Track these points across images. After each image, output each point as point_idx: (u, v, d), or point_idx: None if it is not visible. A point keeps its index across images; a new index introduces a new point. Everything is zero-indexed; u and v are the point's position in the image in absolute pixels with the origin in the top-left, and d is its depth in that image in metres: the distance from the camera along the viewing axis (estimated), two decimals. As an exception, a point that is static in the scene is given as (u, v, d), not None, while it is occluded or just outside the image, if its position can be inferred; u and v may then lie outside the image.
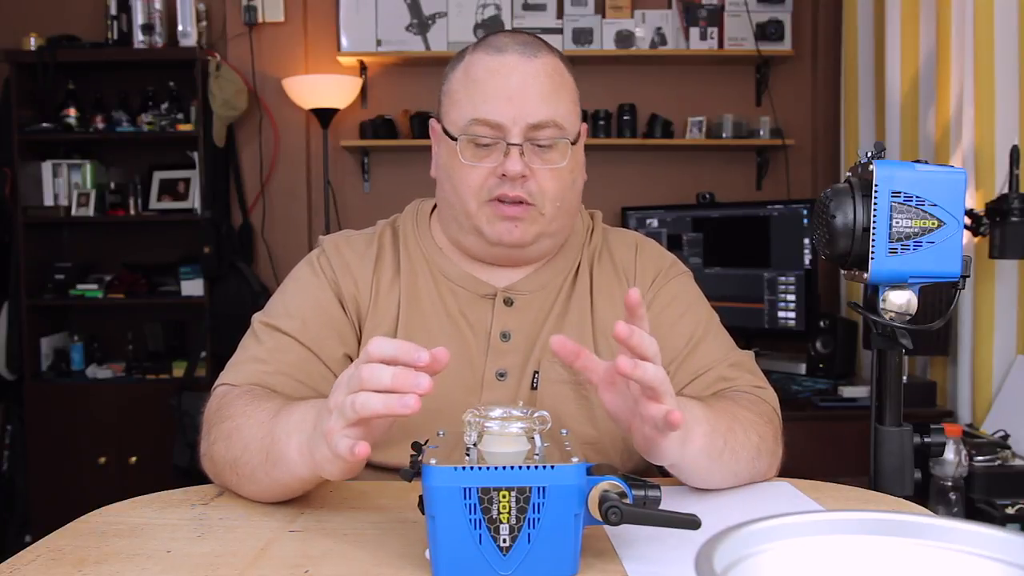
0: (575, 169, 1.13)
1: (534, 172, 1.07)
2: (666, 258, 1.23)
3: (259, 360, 1.08)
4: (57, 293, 3.28)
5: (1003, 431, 2.12)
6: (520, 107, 1.06)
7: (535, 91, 1.07)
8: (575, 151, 1.12)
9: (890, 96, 2.71)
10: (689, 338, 1.15)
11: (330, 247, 1.18)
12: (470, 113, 1.07)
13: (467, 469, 0.72)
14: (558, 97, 1.09)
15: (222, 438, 0.97)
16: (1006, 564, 0.55)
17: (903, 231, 1.00)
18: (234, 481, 0.97)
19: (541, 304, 1.15)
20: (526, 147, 1.07)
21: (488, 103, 1.07)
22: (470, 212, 1.10)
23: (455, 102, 1.10)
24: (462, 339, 1.12)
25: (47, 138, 3.26)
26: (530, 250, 1.13)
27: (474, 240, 1.13)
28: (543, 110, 1.07)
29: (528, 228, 1.09)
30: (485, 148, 1.08)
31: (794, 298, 2.89)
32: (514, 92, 1.06)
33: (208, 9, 3.38)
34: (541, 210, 1.09)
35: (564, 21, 3.32)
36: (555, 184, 1.09)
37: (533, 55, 1.08)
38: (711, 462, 0.95)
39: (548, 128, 1.07)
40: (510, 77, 1.07)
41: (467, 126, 1.08)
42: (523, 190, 1.07)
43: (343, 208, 3.45)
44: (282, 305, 1.14)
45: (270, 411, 0.94)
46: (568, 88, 1.12)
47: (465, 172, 1.08)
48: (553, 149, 1.09)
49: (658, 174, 3.47)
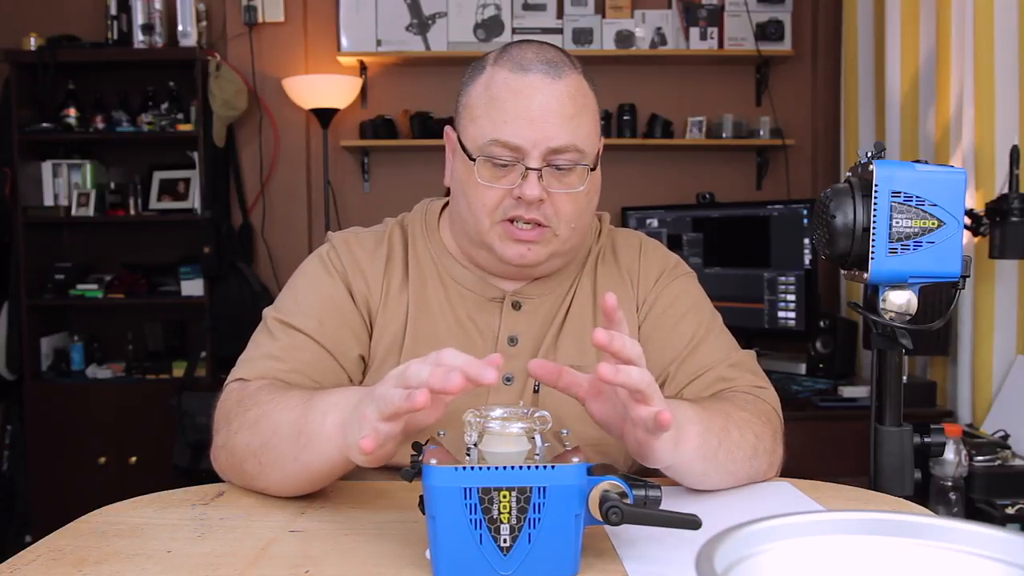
0: (592, 192, 1.11)
1: (551, 196, 1.06)
2: (670, 259, 1.23)
3: (274, 357, 1.07)
4: (57, 293, 3.28)
5: (1003, 431, 2.12)
6: (541, 131, 1.04)
7: (557, 115, 1.04)
8: (594, 177, 1.11)
9: (890, 96, 2.71)
10: (690, 339, 1.14)
11: (340, 243, 1.17)
12: (490, 133, 1.05)
13: (467, 469, 0.72)
14: (580, 120, 1.06)
15: (247, 426, 0.96)
16: (1006, 564, 0.55)
17: (903, 231, 1.00)
18: (255, 471, 0.95)
19: (548, 307, 1.15)
20: (545, 170, 1.05)
21: (509, 124, 1.04)
22: (482, 230, 1.09)
23: (474, 118, 1.08)
24: (470, 343, 1.12)
25: (47, 138, 3.26)
26: (541, 269, 1.13)
27: (485, 255, 1.12)
28: (564, 135, 1.04)
29: (541, 250, 1.09)
30: (503, 168, 1.06)
31: (794, 298, 2.89)
32: (536, 115, 1.04)
33: (208, 9, 3.38)
34: (556, 231, 1.08)
35: (564, 21, 3.32)
36: (571, 207, 1.08)
37: (557, 76, 1.05)
38: (706, 462, 0.95)
39: (569, 152, 1.05)
40: (532, 99, 1.04)
41: (486, 146, 1.05)
42: (539, 213, 1.06)
43: (343, 208, 3.45)
44: (295, 302, 1.13)
45: (302, 396, 0.93)
46: (590, 109, 1.09)
47: (481, 191, 1.07)
48: (572, 173, 1.07)
49: (658, 174, 3.47)
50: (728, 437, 0.97)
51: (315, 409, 0.89)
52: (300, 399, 0.93)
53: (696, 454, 0.93)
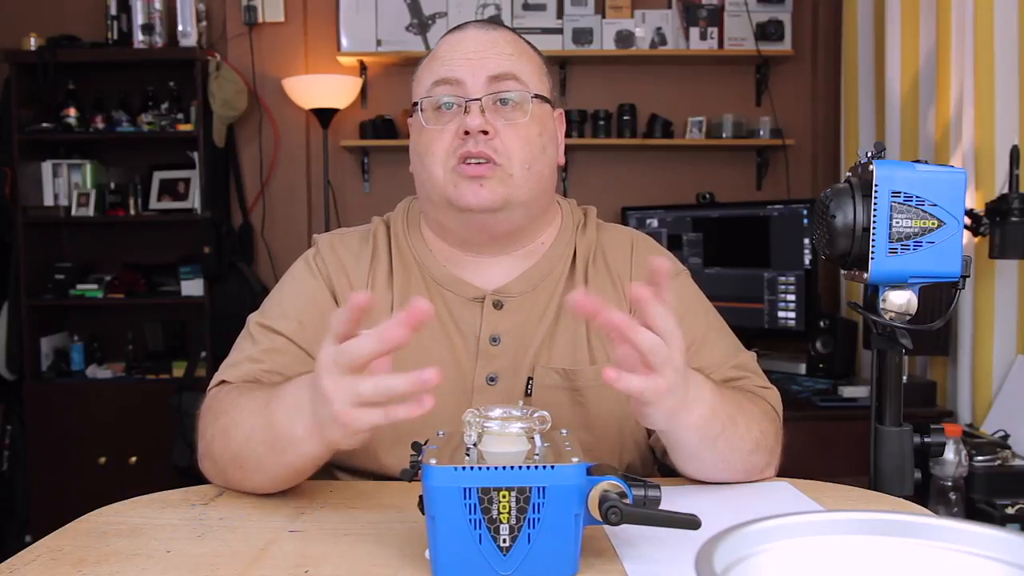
0: (544, 134, 1.11)
1: (498, 130, 1.07)
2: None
3: (254, 360, 1.08)
4: (57, 293, 3.28)
5: (1003, 431, 2.12)
6: (479, 63, 1.08)
7: (494, 51, 1.09)
8: (543, 114, 1.11)
9: (890, 96, 2.71)
10: (689, 343, 1.13)
11: (325, 246, 1.17)
12: (430, 79, 1.10)
13: (467, 469, 0.72)
14: (518, 59, 1.11)
15: (219, 435, 0.97)
16: (1006, 564, 0.55)
17: (903, 231, 1.00)
18: (239, 476, 0.96)
19: (532, 306, 1.13)
20: (487, 104, 1.07)
21: (446, 64, 1.09)
22: (438, 181, 1.08)
23: (419, 81, 1.14)
24: (451, 343, 1.11)
25: (47, 138, 3.26)
26: (501, 218, 1.09)
27: (448, 215, 1.11)
28: (503, 64, 1.08)
29: (496, 188, 1.06)
30: (448, 112, 1.08)
31: (794, 298, 2.89)
32: (472, 54, 1.09)
33: (208, 9, 3.39)
34: (509, 171, 1.07)
35: (564, 21, 3.32)
36: (522, 144, 1.08)
37: (493, 28, 1.12)
38: (701, 443, 0.95)
39: (508, 80, 1.08)
40: (468, 44, 1.10)
41: (428, 90, 1.09)
42: (487, 147, 1.06)
43: (343, 208, 3.45)
44: (278, 305, 1.14)
45: (261, 401, 0.93)
46: (529, 55, 1.13)
47: (430, 139, 1.09)
48: (517, 108, 1.08)
49: (658, 174, 3.47)
50: (734, 427, 0.97)
51: (279, 416, 0.88)
52: (260, 403, 0.93)
53: (693, 432, 0.93)
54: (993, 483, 1.96)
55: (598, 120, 3.32)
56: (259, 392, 0.97)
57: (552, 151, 1.14)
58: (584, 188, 3.41)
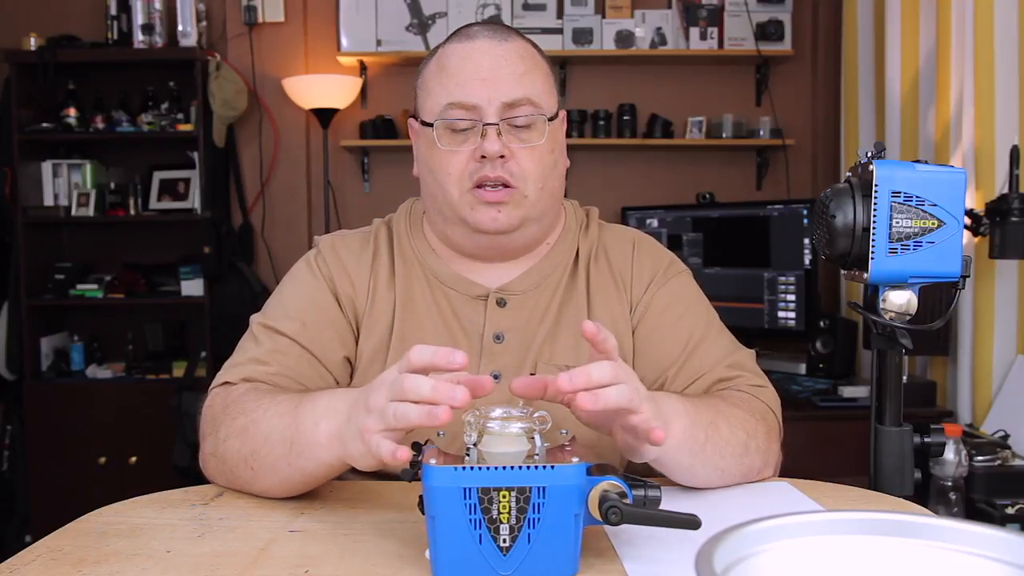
0: (555, 150, 1.12)
1: (513, 153, 1.07)
2: (663, 258, 1.21)
3: (258, 361, 1.08)
4: (57, 293, 3.28)
5: (1003, 431, 2.12)
6: (494, 87, 1.06)
7: (508, 71, 1.07)
8: (554, 130, 1.12)
9: (890, 96, 2.71)
10: (687, 342, 1.14)
11: (326, 247, 1.18)
12: (445, 99, 1.08)
13: (467, 469, 0.72)
14: (532, 76, 1.09)
15: (235, 434, 0.96)
16: (1006, 564, 0.55)
17: (903, 231, 1.00)
18: (248, 477, 0.96)
19: (535, 304, 1.14)
20: (503, 127, 1.07)
21: (461, 86, 1.07)
22: (452, 201, 1.09)
23: (429, 92, 1.11)
24: (454, 341, 1.12)
25: (47, 138, 3.26)
26: (515, 237, 1.12)
27: (460, 232, 1.12)
28: (517, 89, 1.07)
29: (512, 212, 1.08)
30: (462, 133, 1.08)
31: (794, 298, 2.89)
32: (487, 73, 1.07)
33: (208, 9, 3.38)
34: (524, 192, 1.08)
35: (564, 21, 3.32)
36: (536, 165, 1.08)
37: (504, 39, 1.10)
38: (692, 456, 0.95)
39: (523, 106, 1.07)
40: (482, 60, 1.08)
41: (443, 111, 1.08)
42: (504, 171, 1.07)
43: (343, 208, 3.45)
44: (280, 307, 1.14)
45: (289, 402, 0.94)
46: (542, 69, 1.12)
47: (444, 159, 1.08)
48: (531, 129, 1.08)
49: (658, 174, 3.47)
50: (717, 432, 0.97)
51: (305, 417, 0.90)
52: (288, 405, 0.93)
53: (682, 447, 0.93)
54: (993, 483, 1.96)
55: (598, 120, 3.32)
56: (284, 396, 0.97)
57: (561, 162, 1.15)
58: (584, 188, 3.41)
